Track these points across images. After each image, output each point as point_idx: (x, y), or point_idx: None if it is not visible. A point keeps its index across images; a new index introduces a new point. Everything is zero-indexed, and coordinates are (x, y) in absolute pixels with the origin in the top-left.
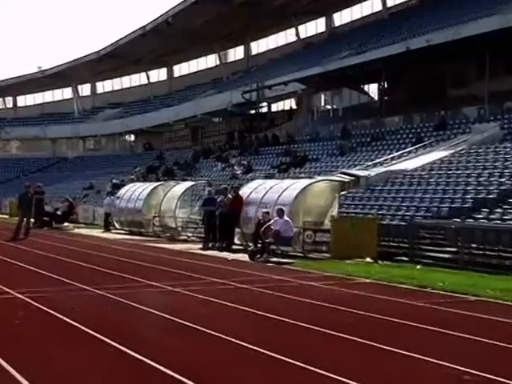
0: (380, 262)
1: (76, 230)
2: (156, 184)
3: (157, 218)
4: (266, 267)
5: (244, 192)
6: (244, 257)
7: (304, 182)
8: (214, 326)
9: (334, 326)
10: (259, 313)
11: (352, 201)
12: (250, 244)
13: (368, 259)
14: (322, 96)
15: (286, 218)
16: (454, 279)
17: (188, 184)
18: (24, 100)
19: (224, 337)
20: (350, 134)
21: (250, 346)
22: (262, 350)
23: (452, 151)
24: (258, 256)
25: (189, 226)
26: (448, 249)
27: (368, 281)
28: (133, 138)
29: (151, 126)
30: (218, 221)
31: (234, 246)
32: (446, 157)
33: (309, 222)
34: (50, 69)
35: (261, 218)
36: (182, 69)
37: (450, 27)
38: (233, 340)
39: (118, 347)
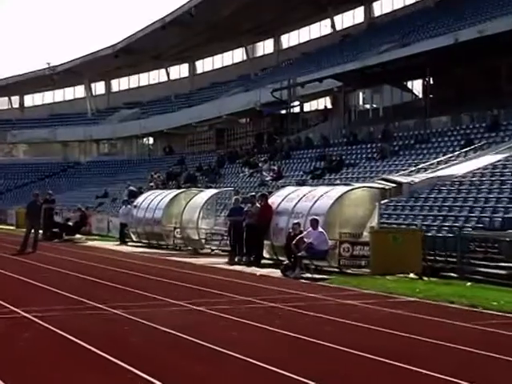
0: (425, 278)
1: (89, 243)
2: (177, 192)
3: (178, 230)
4: (298, 284)
5: (274, 200)
6: (274, 272)
7: (340, 190)
8: (245, 350)
9: (381, 352)
10: (296, 335)
11: (394, 210)
12: (282, 258)
13: (412, 275)
14: (361, 94)
15: (320, 229)
16: (510, 298)
17: (212, 192)
18: (32, 99)
19: (259, 363)
20: (391, 136)
21: (293, 376)
22: (306, 381)
23: (506, 155)
24: (290, 271)
25: (213, 239)
26: (502, 264)
27: (412, 299)
28: (151, 141)
29: (171, 127)
30: (246, 232)
31: (262, 261)
32: (499, 161)
33: (346, 233)
34: (61, 65)
35: (292, 229)
36: (205, 65)
37: (505, 16)
38: (270, 368)
39: (137, 373)
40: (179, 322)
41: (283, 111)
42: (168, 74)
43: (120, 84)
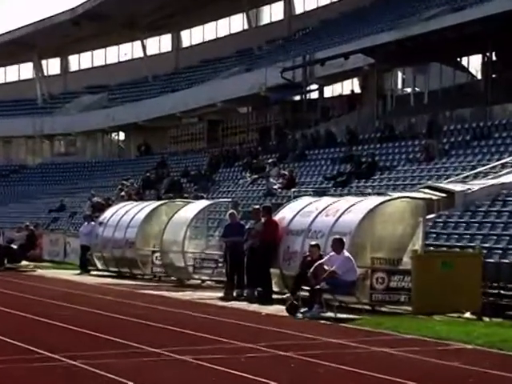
0: (486, 318)
1: (39, 272)
2: (156, 204)
3: (157, 254)
4: (316, 326)
5: (284, 215)
6: (284, 310)
7: (372, 201)
8: None
9: None
10: None
11: (444, 228)
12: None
13: (468, 314)
14: (399, 74)
15: (345, 253)
16: None
17: (203, 204)
18: None
19: None
20: (440, 130)
21: None
22: None
23: None
24: (305, 310)
25: (204, 266)
26: None
27: (469, 347)
28: (122, 136)
29: (149, 119)
30: (247, 258)
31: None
32: None
33: (380, 259)
34: (1, 35)
35: (308, 253)
36: (193, 36)
37: None
38: None
39: None
40: (160, 377)
41: (296, 97)
42: (144, 48)
43: (81, 61)
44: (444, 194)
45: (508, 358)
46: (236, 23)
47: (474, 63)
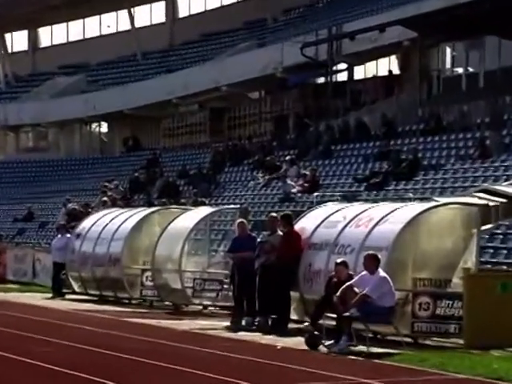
0: None
1: (1, 296)
2: (147, 212)
3: (148, 274)
4: (345, 362)
5: (304, 226)
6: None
7: (414, 209)
8: None
9: None
10: None
11: (503, 242)
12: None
13: None
14: (448, 51)
15: (381, 273)
16: None
17: (204, 212)
18: None
19: None
20: (499, 120)
21: None
22: None
23: None
24: (331, 342)
25: (206, 288)
26: None
27: None
28: (105, 128)
29: (138, 106)
30: (260, 278)
31: (288, 324)
32: None
33: (424, 280)
34: None
35: (334, 272)
36: (192, 3)
37: None
38: None
39: None
40: None
41: (320, 80)
42: (132, 19)
43: (53, 35)
44: (503, 200)
45: None
46: None
47: None
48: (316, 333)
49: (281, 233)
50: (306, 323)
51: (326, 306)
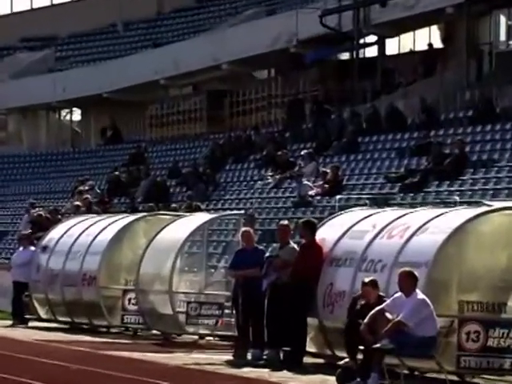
0: None
1: None
2: (129, 219)
3: (131, 296)
4: None
5: (324, 237)
6: (325, 381)
7: (461, 215)
8: None
9: None
10: None
11: None
12: (341, 354)
13: None
14: (503, 20)
15: (419, 294)
16: None
17: (200, 219)
18: None
19: None
20: None
21: None
22: None
23: None
24: (359, 380)
25: (203, 313)
26: None
27: None
28: (78, 115)
29: (118, 89)
30: (269, 301)
31: (304, 358)
32: None
33: (472, 303)
34: None
35: (361, 294)
36: None
37: None
38: None
39: None
40: None
41: (344, 56)
42: None
43: (14, 0)
44: None
45: None
46: None
47: None
48: (352, 365)
49: (294, 245)
50: (346, 360)
51: (353, 336)
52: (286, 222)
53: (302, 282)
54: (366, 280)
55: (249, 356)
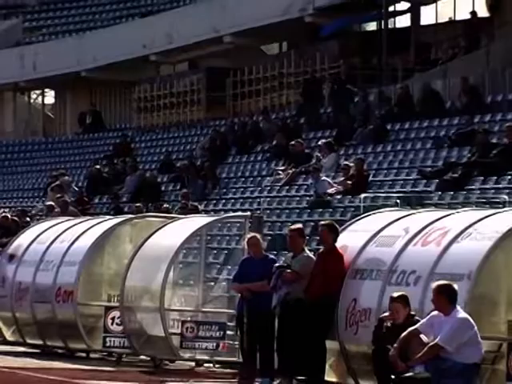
0: None
1: None
2: (113, 222)
3: (115, 314)
4: None
5: (345, 244)
6: None
7: (510, 218)
8: None
9: None
10: None
11: None
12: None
13: None
14: None
15: (459, 312)
16: None
17: (198, 222)
18: None
19: None
20: None
21: None
22: None
23: None
24: None
25: (201, 335)
26: None
27: None
28: (51, 98)
29: (99, 66)
30: (280, 321)
31: None
32: None
33: None
34: None
35: (390, 313)
36: None
37: None
38: None
39: None
40: None
41: (370, 26)
42: None
43: None
44: None
45: None
46: None
47: None
48: None
49: (309, 253)
50: None
51: (380, 361)
52: (299, 226)
53: (319, 297)
54: (396, 295)
55: None
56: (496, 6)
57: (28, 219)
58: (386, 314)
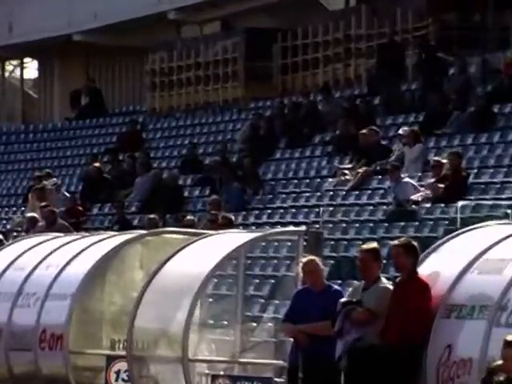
0: None
1: None
2: (117, 240)
3: (121, 366)
4: None
5: (437, 270)
6: None
7: None
8: None
9: None
10: None
11: None
12: None
13: None
14: None
15: None
16: None
17: (233, 240)
18: None
19: None
20: None
21: None
22: None
23: None
24: None
25: None
26: None
27: None
28: (34, 70)
29: (98, 28)
30: (346, 374)
31: None
32: None
33: None
34: None
35: (501, 363)
36: None
37: None
38: None
39: None
40: None
41: None
42: None
43: None
44: None
45: None
46: None
47: None
48: None
49: (387, 283)
50: None
51: None
52: (374, 246)
53: (399, 344)
54: (510, 339)
55: None
56: None
57: (1, 237)
58: (498, 362)
